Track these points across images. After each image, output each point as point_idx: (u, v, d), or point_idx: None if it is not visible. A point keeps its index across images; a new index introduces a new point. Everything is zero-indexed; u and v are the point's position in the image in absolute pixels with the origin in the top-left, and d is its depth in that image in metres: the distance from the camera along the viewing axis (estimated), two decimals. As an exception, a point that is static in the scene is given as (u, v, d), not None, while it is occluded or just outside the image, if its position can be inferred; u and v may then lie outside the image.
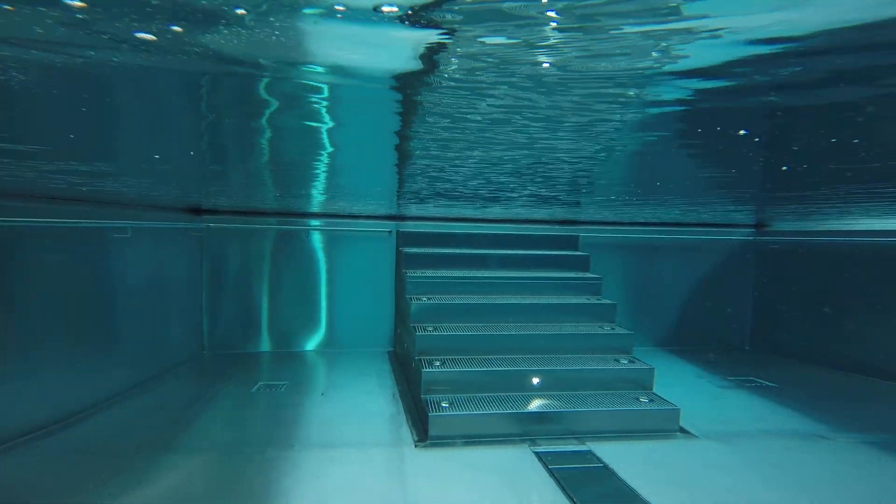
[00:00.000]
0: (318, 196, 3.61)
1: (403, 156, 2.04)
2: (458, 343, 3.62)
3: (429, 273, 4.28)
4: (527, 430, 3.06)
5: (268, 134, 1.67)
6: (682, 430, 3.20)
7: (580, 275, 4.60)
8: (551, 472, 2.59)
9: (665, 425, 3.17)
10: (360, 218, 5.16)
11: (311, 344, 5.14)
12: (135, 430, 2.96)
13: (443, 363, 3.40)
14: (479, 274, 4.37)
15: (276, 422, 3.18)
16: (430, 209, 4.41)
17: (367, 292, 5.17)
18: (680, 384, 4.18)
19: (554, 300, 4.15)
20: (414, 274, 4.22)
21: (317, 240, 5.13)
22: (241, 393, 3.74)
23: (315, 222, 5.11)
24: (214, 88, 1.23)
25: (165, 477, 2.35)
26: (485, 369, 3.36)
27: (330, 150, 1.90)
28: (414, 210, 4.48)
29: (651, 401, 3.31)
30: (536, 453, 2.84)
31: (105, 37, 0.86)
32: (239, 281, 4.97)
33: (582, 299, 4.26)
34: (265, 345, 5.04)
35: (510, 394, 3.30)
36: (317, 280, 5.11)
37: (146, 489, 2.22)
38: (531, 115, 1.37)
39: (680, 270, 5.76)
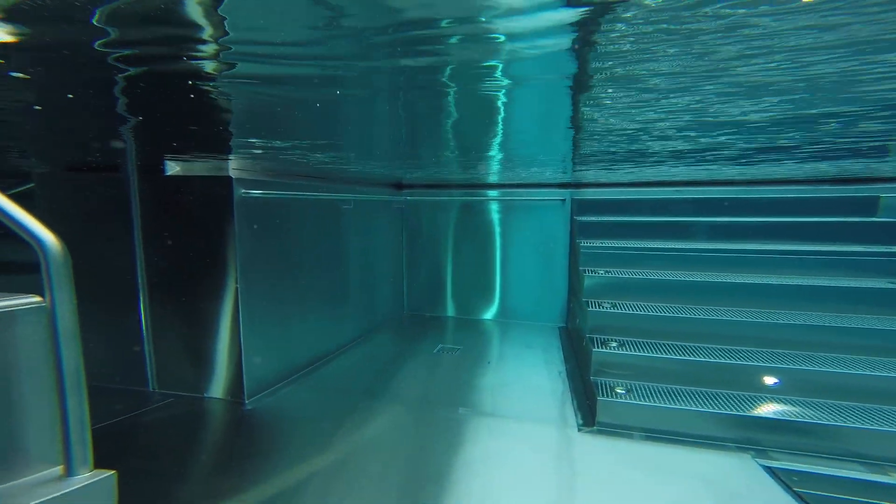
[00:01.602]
0: (494, 164, 3.63)
1: (580, 112, 1.77)
2: (641, 323, 3.08)
3: (607, 244, 3.77)
4: (750, 437, 2.40)
5: (451, 103, 1.71)
6: None
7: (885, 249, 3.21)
8: (799, 497, 1.97)
9: None
10: (533, 187, 4.97)
11: (488, 313, 5.32)
12: (357, 377, 3.54)
13: (620, 345, 2.94)
14: (675, 245, 3.58)
15: (449, 383, 3.40)
16: (611, 174, 3.85)
17: (540, 264, 4.99)
18: None
19: (818, 281, 3.07)
20: (589, 244, 3.80)
21: (493, 210, 5.22)
22: (426, 352, 4.13)
23: (492, 193, 5.20)
24: (412, 84, 1.36)
25: (376, 421, 2.77)
26: (686, 358, 2.76)
27: (504, 100, 1.79)
28: (591, 175, 4.01)
29: None
30: (768, 468, 2.19)
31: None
32: (429, 250, 5.50)
33: (882, 282, 2.97)
34: (450, 310, 5.49)
35: (722, 391, 2.65)
36: (492, 251, 5.23)
37: (365, 429, 2.66)
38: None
39: None
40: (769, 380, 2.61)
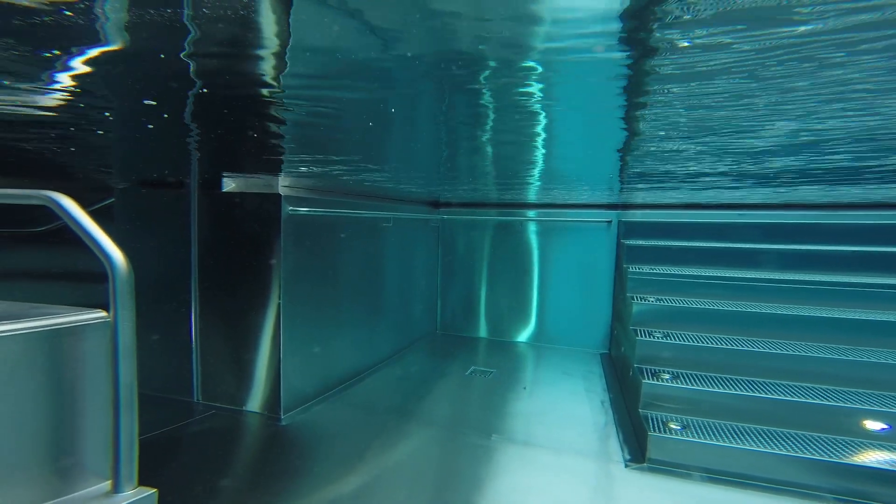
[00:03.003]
0: (533, 184, 3.56)
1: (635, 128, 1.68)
2: (696, 355, 2.87)
3: (658, 269, 3.58)
4: (854, 489, 2.14)
5: (491, 116, 1.68)
6: None
7: None
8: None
9: None
10: (576, 207, 4.83)
11: (522, 336, 5.16)
12: (388, 396, 3.49)
13: (674, 377, 2.74)
14: (736, 274, 3.34)
15: (481, 407, 3.29)
16: (664, 195, 3.67)
17: (581, 288, 4.81)
18: None
19: None
20: (638, 270, 3.61)
21: (530, 231, 5.12)
22: (458, 374, 4.03)
23: (531, 213, 5.11)
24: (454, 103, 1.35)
25: (405, 443, 2.69)
26: (755, 394, 2.53)
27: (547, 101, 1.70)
28: (641, 196, 3.85)
29: None
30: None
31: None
32: (464, 269, 5.44)
33: None
34: (482, 331, 5.38)
35: (803, 433, 2.42)
36: (529, 272, 5.10)
37: (394, 453, 2.59)
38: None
39: None
40: (874, 425, 2.32)
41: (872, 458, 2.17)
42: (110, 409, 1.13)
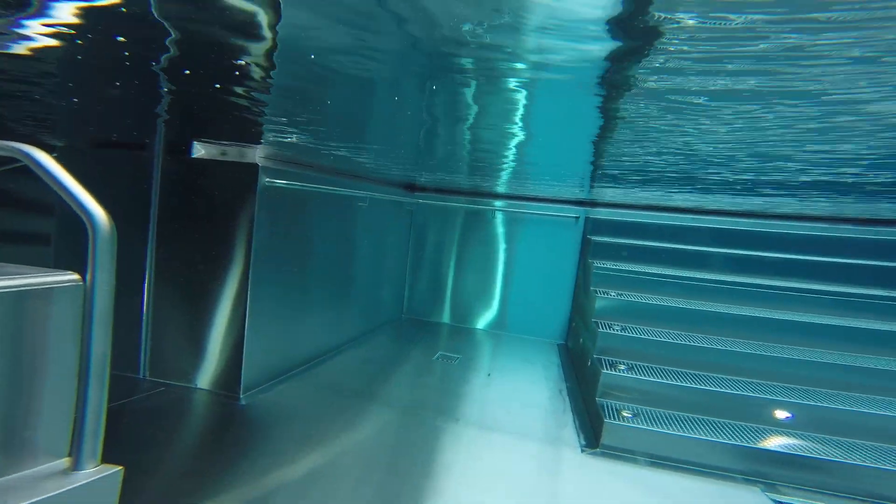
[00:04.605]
0: (505, 174, 3.58)
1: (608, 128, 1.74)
2: (651, 349, 3.07)
3: (621, 266, 3.78)
4: (759, 470, 2.41)
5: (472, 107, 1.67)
6: None
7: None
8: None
9: None
10: (545, 202, 4.96)
11: (483, 323, 5.28)
12: (353, 378, 3.45)
13: (630, 368, 2.93)
14: (690, 274, 3.61)
15: (447, 392, 3.33)
16: (630, 195, 3.87)
17: (544, 280, 4.97)
18: None
19: (836, 321, 3.16)
20: (602, 265, 3.80)
21: (499, 222, 5.20)
22: (424, 359, 4.05)
23: (503, 203, 5.18)
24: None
25: (368, 424, 2.69)
26: (697, 387, 2.76)
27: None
28: (609, 195, 4.03)
29: None
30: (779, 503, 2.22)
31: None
32: (434, 255, 5.43)
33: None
34: (446, 317, 5.42)
35: (733, 421, 2.67)
36: (495, 262, 5.20)
37: (356, 432, 2.58)
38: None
39: None
40: (782, 414, 2.63)
41: (778, 443, 2.47)
42: (75, 380, 1.04)
